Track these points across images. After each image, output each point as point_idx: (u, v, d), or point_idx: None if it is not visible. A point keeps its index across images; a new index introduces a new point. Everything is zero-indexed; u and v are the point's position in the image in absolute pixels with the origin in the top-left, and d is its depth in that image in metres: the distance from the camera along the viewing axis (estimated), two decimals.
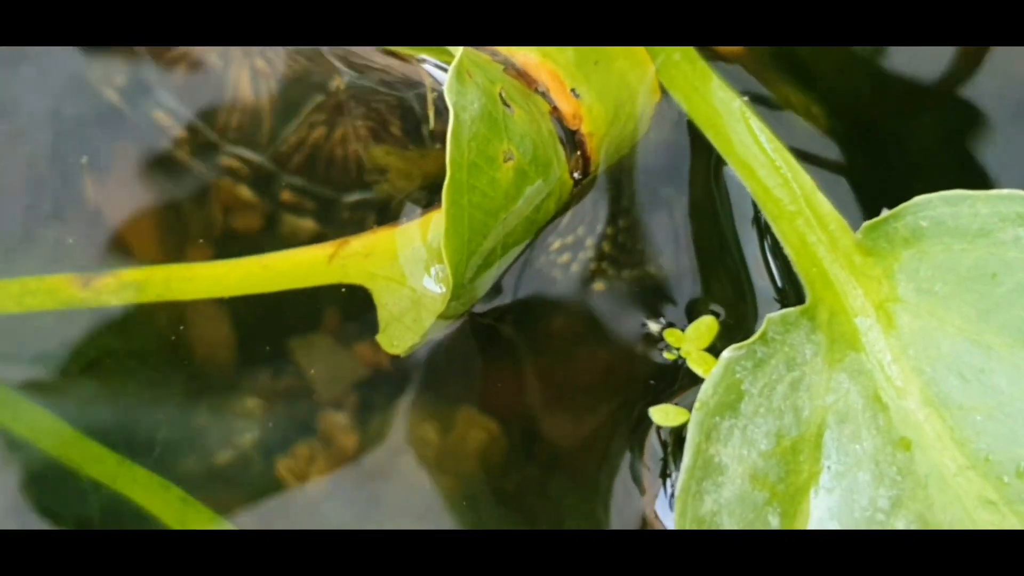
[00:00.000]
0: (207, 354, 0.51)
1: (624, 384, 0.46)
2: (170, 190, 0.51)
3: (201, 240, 0.50)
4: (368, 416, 0.50)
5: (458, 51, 0.42)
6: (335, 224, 0.49)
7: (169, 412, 0.50)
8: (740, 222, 0.46)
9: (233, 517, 0.50)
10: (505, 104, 0.44)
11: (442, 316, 0.44)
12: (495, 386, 0.49)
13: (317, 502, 0.50)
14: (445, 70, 0.48)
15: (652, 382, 0.46)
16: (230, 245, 0.50)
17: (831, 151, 0.49)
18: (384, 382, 0.50)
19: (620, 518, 0.45)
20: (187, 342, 0.50)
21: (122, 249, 0.51)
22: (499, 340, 0.48)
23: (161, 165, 0.51)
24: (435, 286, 0.45)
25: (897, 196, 0.44)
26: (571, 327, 0.47)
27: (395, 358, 0.48)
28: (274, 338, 0.50)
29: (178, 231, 0.51)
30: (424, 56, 0.48)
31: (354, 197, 0.49)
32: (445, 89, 0.42)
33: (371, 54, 0.49)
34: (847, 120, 0.50)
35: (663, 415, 0.45)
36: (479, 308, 0.47)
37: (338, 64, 0.49)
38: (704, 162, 0.48)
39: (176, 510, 0.50)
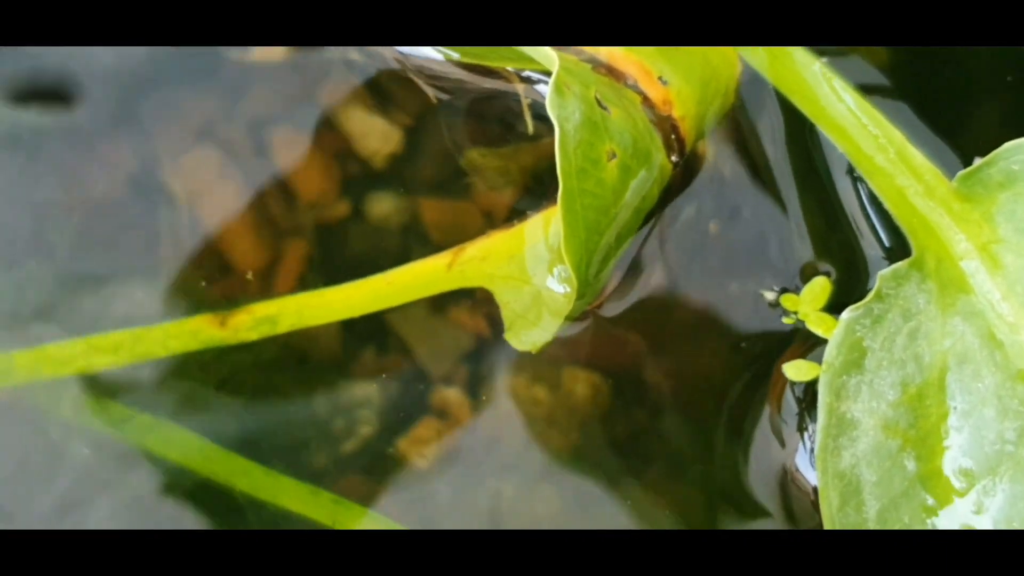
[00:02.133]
0: (321, 352, 0.53)
1: (755, 345, 0.48)
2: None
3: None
4: (477, 385, 0.52)
5: (554, 63, 0.44)
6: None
7: (295, 412, 0.53)
8: (839, 180, 0.49)
9: (374, 504, 0.53)
10: (602, 107, 0.46)
11: (569, 316, 0.47)
12: (606, 347, 0.51)
13: (440, 474, 0.53)
14: (531, 81, 0.50)
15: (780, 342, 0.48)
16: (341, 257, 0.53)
17: (900, 85, 0.50)
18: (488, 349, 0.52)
19: (761, 470, 0.47)
20: (300, 344, 0.53)
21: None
22: (616, 321, 0.50)
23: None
24: (559, 286, 0.47)
25: (967, 124, 0.47)
26: (689, 300, 0.50)
27: (495, 327, 0.51)
28: (375, 320, 0.52)
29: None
30: (511, 68, 0.50)
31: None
32: (547, 104, 0.44)
33: (459, 73, 0.51)
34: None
35: (796, 370, 0.47)
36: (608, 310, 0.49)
37: (428, 89, 0.51)
38: (795, 125, 0.50)
39: (328, 511, 0.53)
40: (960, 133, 0.48)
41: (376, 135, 0.53)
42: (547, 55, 0.44)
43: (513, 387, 0.51)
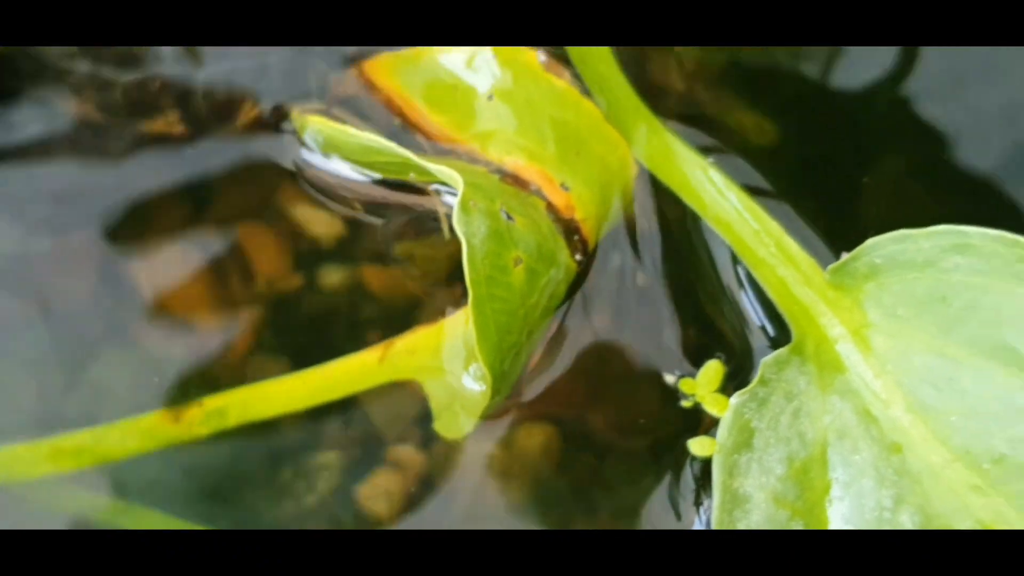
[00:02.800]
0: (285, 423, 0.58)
1: (656, 426, 0.53)
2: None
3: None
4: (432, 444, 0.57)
5: (459, 183, 0.49)
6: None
7: (259, 476, 0.57)
8: (724, 271, 0.53)
9: None
10: (508, 217, 0.51)
11: (485, 411, 0.51)
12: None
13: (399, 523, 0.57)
14: (445, 193, 0.55)
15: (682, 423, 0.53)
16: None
17: (787, 175, 0.55)
18: None
19: None
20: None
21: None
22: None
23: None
24: (474, 383, 0.52)
25: (851, 219, 0.52)
26: (596, 381, 0.55)
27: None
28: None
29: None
30: (436, 185, 0.55)
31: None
32: (455, 221, 0.49)
33: (387, 194, 0.55)
34: (794, 125, 0.57)
35: (699, 446, 0.52)
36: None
37: (357, 210, 0.56)
38: (685, 221, 0.54)
39: None
40: (833, 230, 0.53)
41: (322, 223, 0.58)
42: (452, 176, 0.49)
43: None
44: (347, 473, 0.56)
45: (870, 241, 0.49)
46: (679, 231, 0.54)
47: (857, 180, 0.56)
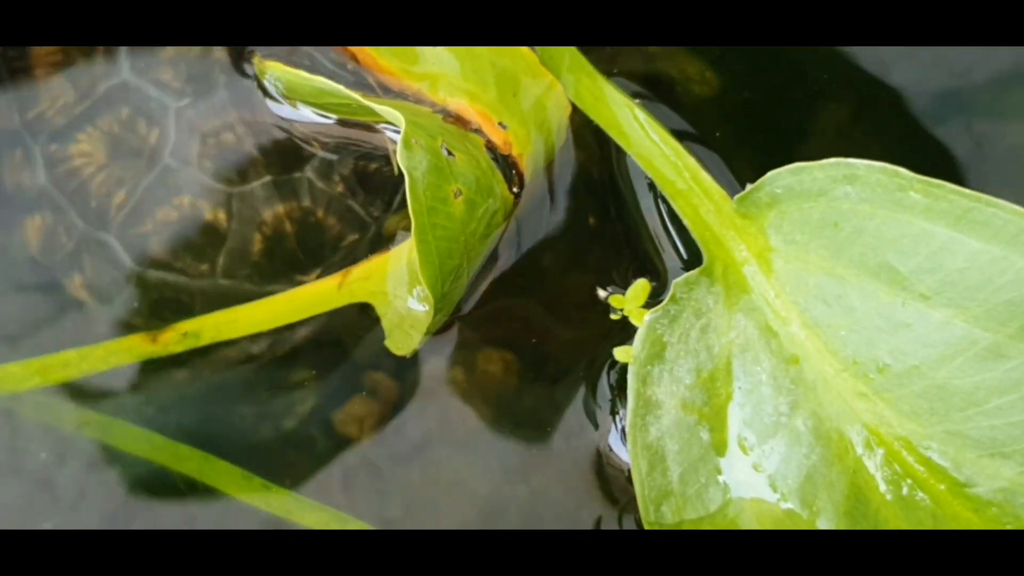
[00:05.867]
0: (263, 347, 0.63)
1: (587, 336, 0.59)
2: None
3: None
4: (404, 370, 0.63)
5: (401, 121, 0.54)
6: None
7: (240, 402, 0.63)
8: (644, 202, 0.59)
9: (306, 480, 0.63)
10: (449, 153, 0.56)
11: (430, 328, 0.57)
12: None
13: (371, 448, 0.63)
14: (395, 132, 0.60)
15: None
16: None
17: (718, 117, 0.61)
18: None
19: (578, 452, 0.58)
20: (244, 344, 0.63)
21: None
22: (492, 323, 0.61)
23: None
24: (418, 304, 0.58)
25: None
26: (537, 297, 0.60)
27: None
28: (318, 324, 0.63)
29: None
30: (384, 125, 0.60)
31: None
32: (398, 156, 0.54)
33: (343, 132, 0.61)
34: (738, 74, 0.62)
35: (622, 353, 0.57)
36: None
37: (312, 146, 0.61)
38: (612, 156, 0.60)
39: (259, 495, 0.64)
40: (740, 162, 0.59)
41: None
42: (395, 115, 0.54)
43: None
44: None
45: (771, 173, 0.54)
46: (606, 165, 0.60)
47: (800, 126, 0.60)
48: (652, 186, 0.59)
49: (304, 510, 0.61)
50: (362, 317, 0.61)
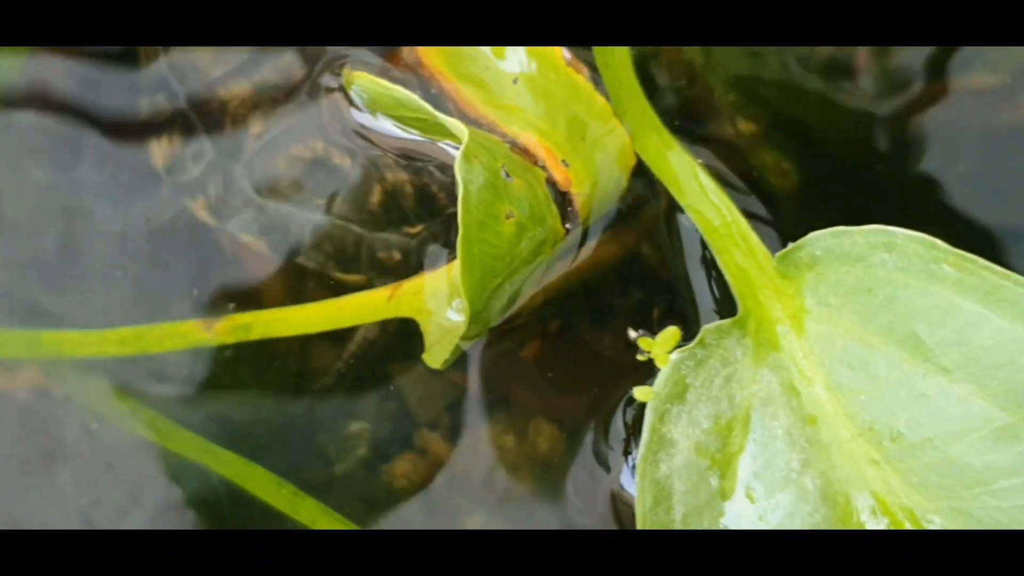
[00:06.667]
0: (324, 383, 0.65)
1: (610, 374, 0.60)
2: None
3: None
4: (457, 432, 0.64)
5: (464, 136, 0.57)
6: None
7: (293, 431, 0.65)
8: (691, 252, 0.60)
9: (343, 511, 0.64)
10: (507, 176, 0.58)
11: (464, 337, 0.58)
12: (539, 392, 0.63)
13: (413, 501, 0.64)
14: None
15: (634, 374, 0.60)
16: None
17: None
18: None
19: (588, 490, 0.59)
20: (308, 372, 0.65)
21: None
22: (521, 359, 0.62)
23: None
24: (456, 315, 0.59)
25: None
26: (570, 334, 0.62)
27: (478, 379, 0.63)
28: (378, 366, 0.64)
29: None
30: (452, 142, 0.63)
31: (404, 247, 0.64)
32: (456, 167, 0.56)
33: (413, 146, 0.63)
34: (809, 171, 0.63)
35: (642, 393, 0.58)
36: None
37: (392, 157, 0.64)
38: (668, 210, 0.61)
39: (289, 502, 0.65)
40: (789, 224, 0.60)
41: None
42: (459, 128, 0.57)
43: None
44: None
45: (813, 234, 0.55)
46: (660, 215, 0.61)
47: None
48: (702, 242, 0.60)
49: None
50: (426, 374, 0.63)
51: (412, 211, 0.63)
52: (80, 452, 0.64)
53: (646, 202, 0.62)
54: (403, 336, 0.63)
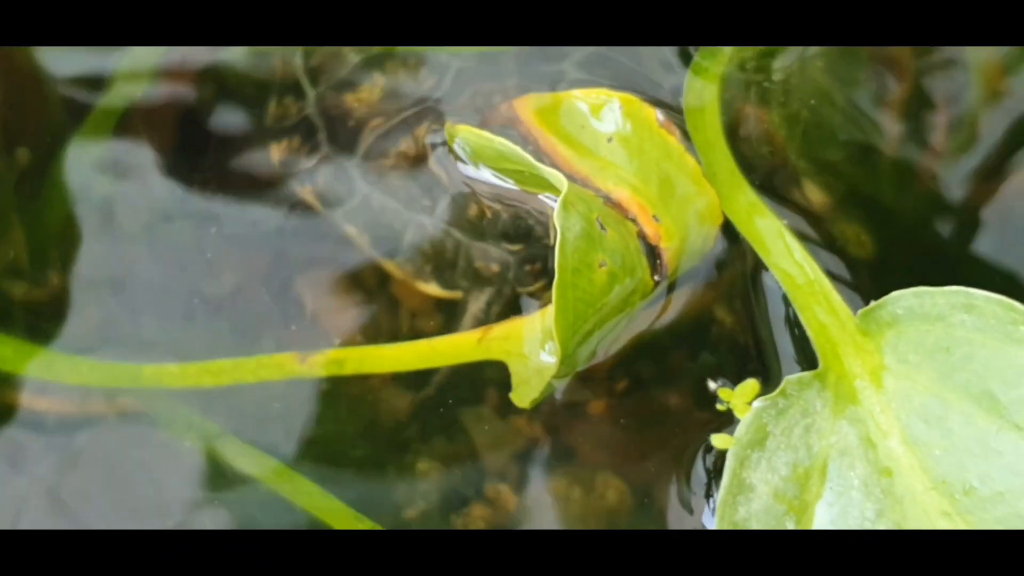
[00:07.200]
0: (394, 425, 0.68)
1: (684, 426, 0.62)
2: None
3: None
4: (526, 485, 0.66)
5: (563, 185, 0.59)
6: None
7: (365, 472, 0.67)
8: (774, 309, 0.63)
9: None
10: (601, 227, 0.61)
11: (554, 377, 0.61)
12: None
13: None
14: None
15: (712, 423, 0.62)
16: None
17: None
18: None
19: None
20: (377, 413, 0.67)
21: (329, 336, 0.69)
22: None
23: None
24: (549, 357, 0.62)
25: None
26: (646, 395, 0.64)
27: (545, 428, 0.65)
28: (447, 410, 0.67)
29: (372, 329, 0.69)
30: (547, 194, 0.66)
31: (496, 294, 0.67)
32: (555, 215, 0.59)
33: (511, 194, 0.66)
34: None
35: (720, 440, 0.61)
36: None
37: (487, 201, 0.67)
38: (752, 268, 0.64)
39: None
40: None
41: None
42: (559, 178, 0.60)
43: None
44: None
45: (895, 293, 0.58)
46: (746, 273, 0.64)
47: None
48: (784, 300, 0.63)
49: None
50: (500, 425, 0.65)
51: (512, 232, 0.66)
52: (166, 477, 0.66)
53: (732, 260, 0.65)
54: (472, 382, 0.66)
